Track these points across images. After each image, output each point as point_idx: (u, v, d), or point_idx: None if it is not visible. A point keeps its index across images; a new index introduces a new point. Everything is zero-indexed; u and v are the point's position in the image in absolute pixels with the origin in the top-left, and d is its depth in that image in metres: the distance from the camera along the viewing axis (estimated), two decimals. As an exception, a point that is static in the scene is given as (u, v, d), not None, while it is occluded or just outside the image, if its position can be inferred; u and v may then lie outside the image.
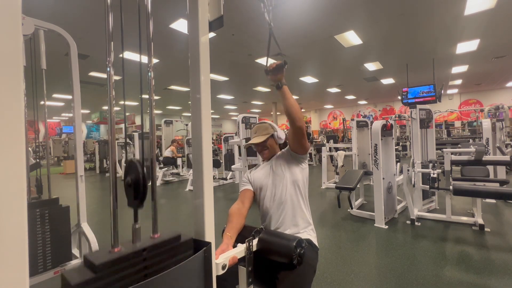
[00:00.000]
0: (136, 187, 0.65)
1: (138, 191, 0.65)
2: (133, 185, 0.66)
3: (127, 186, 0.67)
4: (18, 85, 0.39)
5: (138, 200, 0.66)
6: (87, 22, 4.59)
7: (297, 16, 4.66)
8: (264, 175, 1.39)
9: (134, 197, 0.66)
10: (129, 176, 0.67)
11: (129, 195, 0.67)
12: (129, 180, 0.67)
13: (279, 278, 1.09)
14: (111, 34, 0.68)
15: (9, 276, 0.38)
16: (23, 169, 0.39)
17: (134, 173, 0.66)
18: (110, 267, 0.55)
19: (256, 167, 1.50)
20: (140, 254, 0.61)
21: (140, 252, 0.61)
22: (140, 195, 0.65)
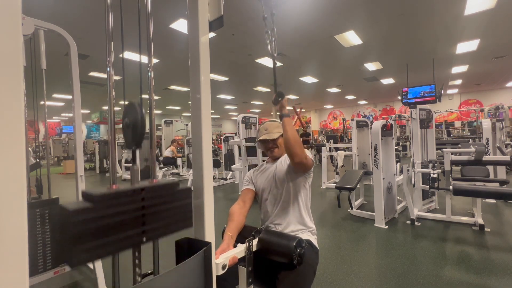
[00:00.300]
0: (134, 128, 0.65)
1: (136, 132, 0.65)
2: (131, 126, 0.66)
3: (125, 128, 0.68)
4: (18, 85, 0.39)
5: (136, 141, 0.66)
6: (87, 22, 4.59)
7: (297, 16, 4.66)
8: (267, 179, 1.37)
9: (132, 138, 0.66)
10: (128, 118, 0.67)
11: (127, 136, 0.68)
12: (128, 122, 0.67)
13: (279, 278, 1.09)
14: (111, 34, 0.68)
15: (9, 276, 0.38)
16: (23, 169, 0.39)
17: (133, 115, 0.66)
18: (108, 199, 0.55)
19: (259, 167, 1.48)
20: (138, 192, 0.60)
21: (138, 190, 0.60)
22: (138, 136, 0.65)
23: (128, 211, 0.58)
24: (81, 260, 0.49)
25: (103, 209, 0.53)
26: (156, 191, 0.64)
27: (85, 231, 0.50)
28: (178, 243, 0.81)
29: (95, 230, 0.51)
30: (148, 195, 0.61)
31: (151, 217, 0.62)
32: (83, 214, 0.50)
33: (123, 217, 0.57)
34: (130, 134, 0.66)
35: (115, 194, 0.56)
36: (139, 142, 0.66)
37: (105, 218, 0.53)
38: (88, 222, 0.50)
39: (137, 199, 0.60)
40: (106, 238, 0.53)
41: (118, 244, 0.56)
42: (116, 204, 0.56)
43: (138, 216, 0.60)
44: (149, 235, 0.61)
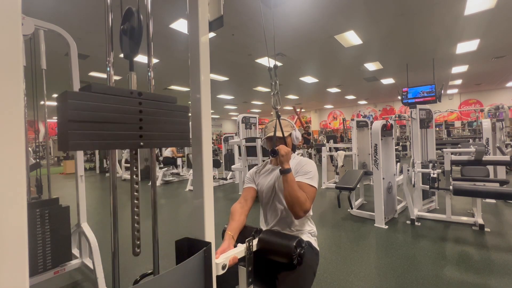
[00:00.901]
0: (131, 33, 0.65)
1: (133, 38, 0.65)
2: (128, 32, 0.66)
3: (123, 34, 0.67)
4: (18, 85, 0.39)
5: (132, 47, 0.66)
6: (87, 22, 4.59)
7: (297, 16, 4.66)
8: (269, 183, 1.35)
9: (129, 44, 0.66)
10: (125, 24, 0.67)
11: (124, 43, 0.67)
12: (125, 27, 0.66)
13: (279, 278, 1.09)
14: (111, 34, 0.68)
15: (9, 276, 0.38)
16: (23, 169, 0.39)
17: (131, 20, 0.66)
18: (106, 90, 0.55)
19: (262, 166, 1.46)
20: (135, 95, 0.60)
21: (135, 93, 0.60)
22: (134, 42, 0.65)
23: (126, 110, 0.58)
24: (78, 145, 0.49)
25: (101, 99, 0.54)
26: (154, 99, 0.64)
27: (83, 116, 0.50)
28: (178, 243, 0.81)
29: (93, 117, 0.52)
30: (145, 101, 0.62)
31: (148, 124, 0.62)
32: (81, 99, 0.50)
33: (121, 113, 0.57)
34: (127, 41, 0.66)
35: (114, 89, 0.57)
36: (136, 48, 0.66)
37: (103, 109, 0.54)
38: (86, 107, 0.51)
39: (134, 101, 0.60)
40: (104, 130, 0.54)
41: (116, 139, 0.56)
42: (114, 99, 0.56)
43: (136, 119, 0.60)
44: (147, 142, 0.62)
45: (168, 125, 0.67)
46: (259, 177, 1.41)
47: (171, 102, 0.68)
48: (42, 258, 1.83)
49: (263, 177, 1.40)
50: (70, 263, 2.01)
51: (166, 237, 2.89)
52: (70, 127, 0.48)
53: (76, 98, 0.50)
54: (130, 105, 0.59)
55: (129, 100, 0.59)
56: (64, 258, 1.97)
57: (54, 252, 1.88)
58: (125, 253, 1.14)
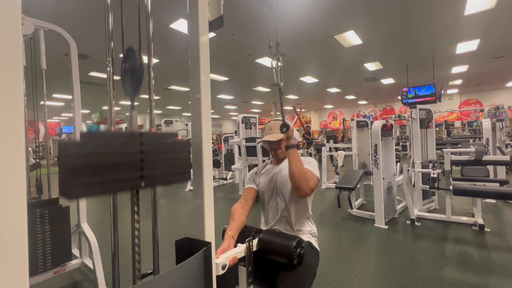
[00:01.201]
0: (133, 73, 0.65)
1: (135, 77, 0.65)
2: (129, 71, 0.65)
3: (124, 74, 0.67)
4: (18, 85, 0.39)
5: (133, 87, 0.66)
6: (87, 22, 4.59)
7: (297, 16, 4.66)
8: (269, 182, 1.36)
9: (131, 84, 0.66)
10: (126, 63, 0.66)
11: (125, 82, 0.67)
12: (126, 67, 0.66)
13: (279, 278, 1.09)
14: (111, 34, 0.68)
15: (9, 276, 0.38)
16: (23, 169, 0.39)
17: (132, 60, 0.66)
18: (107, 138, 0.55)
19: (262, 166, 1.47)
20: (137, 136, 0.60)
21: (137, 134, 0.60)
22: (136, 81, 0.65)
23: (126, 153, 0.58)
24: (79, 193, 0.50)
25: (102, 146, 0.54)
26: (155, 138, 0.64)
27: (83, 165, 0.50)
28: (178, 243, 0.81)
29: (93, 165, 0.52)
30: (146, 140, 0.61)
31: (149, 163, 0.62)
32: (82, 148, 0.51)
33: (121, 158, 0.57)
34: (128, 80, 0.66)
35: (114, 134, 0.57)
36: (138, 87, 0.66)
37: (103, 156, 0.54)
38: (86, 156, 0.51)
39: (135, 142, 0.60)
40: (105, 175, 0.53)
41: (117, 184, 0.56)
42: (114, 144, 0.56)
43: (137, 160, 0.60)
44: (148, 181, 0.62)
45: (169, 161, 0.67)
46: (259, 177, 1.41)
47: (172, 138, 0.68)
48: (42, 258, 1.83)
49: (264, 176, 1.40)
50: (70, 263, 2.01)
51: (166, 237, 2.89)
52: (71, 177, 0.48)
53: (77, 149, 0.50)
54: (131, 147, 0.59)
55: (131, 143, 0.59)
56: (64, 258, 1.97)
57: (54, 252, 1.88)
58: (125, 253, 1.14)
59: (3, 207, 0.37)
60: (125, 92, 0.68)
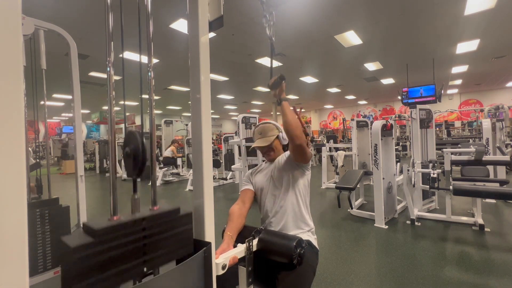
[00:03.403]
0: (136, 157, 0.65)
1: (137, 160, 0.65)
2: (132, 155, 0.66)
3: (126, 157, 0.67)
4: (18, 85, 0.39)
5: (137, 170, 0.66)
6: (87, 22, 4.59)
7: (297, 16, 4.66)
8: (265, 178, 1.37)
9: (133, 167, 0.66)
10: (128, 147, 0.67)
11: (128, 166, 0.67)
12: (128, 151, 0.67)
13: (279, 278, 1.10)
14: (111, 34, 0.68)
15: (9, 276, 0.38)
16: (23, 169, 0.39)
17: (134, 143, 0.66)
18: (109, 233, 0.54)
19: (258, 167, 1.49)
20: (139, 223, 0.60)
21: (139, 221, 0.60)
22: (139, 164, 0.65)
23: (129, 243, 0.57)
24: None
25: (105, 243, 0.53)
26: (157, 219, 0.64)
27: (87, 268, 0.50)
28: (178, 243, 0.81)
29: (97, 264, 0.51)
30: (149, 224, 0.61)
31: (152, 246, 0.61)
32: (85, 250, 0.50)
33: (125, 249, 0.57)
34: (131, 164, 0.66)
35: (117, 226, 0.56)
36: (140, 171, 0.66)
37: (107, 252, 0.53)
38: (90, 257, 0.51)
39: (138, 229, 0.59)
40: (108, 271, 0.53)
41: (119, 277, 0.55)
42: (117, 237, 0.56)
43: (139, 247, 0.59)
44: (150, 265, 0.61)
45: (171, 239, 0.66)
46: (255, 177, 1.43)
47: (174, 215, 0.68)
48: (42, 258, 1.83)
49: (260, 174, 1.42)
50: (70, 263, 2.01)
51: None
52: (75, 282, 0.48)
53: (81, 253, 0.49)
54: (134, 236, 0.58)
55: (133, 231, 0.59)
56: (64, 258, 1.96)
57: (54, 252, 1.88)
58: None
59: (3, 207, 0.37)
60: (128, 173, 0.68)
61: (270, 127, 1.40)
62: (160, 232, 0.64)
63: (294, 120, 1.18)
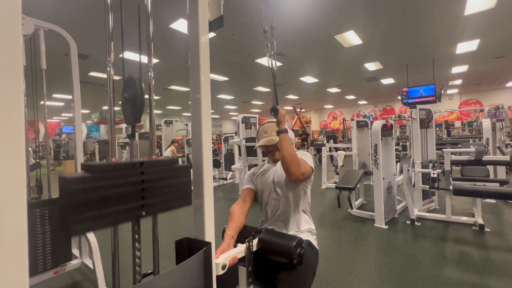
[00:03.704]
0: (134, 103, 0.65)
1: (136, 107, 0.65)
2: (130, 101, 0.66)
3: (125, 103, 0.68)
4: (18, 85, 0.39)
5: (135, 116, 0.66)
6: (87, 22, 4.59)
7: (297, 16, 4.66)
8: (267, 181, 1.36)
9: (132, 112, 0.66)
10: (127, 93, 0.67)
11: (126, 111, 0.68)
12: (127, 96, 0.67)
13: (279, 278, 1.09)
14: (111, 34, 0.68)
15: (9, 276, 0.38)
16: (23, 169, 0.39)
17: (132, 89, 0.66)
18: (107, 170, 0.55)
19: (259, 166, 1.47)
20: (137, 166, 0.61)
21: (137, 164, 0.61)
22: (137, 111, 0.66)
23: (127, 184, 0.58)
24: (80, 229, 0.50)
25: (102, 179, 0.54)
26: (156, 166, 0.64)
27: (84, 200, 0.50)
28: (178, 243, 0.81)
29: (94, 199, 0.52)
30: (147, 169, 0.62)
31: (150, 191, 0.62)
32: (83, 183, 0.51)
33: (122, 189, 0.57)
34: (129, 109, 0.67)
35: (115, 166, 0.57)
36: (138, 117, 0.66)
37: (104, 188, 0.54)
38: (87, 191, 0.51)
39: (136, 172, 0.60)
40: (106, 208, 0.54)
41: (118, 215, 0.56)
42: (115, 176, 0.56)
43: (138, 190, 0.60)
44: (149, 210, 0.62)
45: (169, 188, 0.67)
46: (257, 177, 1.41)
47: (172, 165, 0.68)
48: (42, 258, 1.83)
49: (261, 176, 1.40)
50: (70, 263, 2.01)
51: (166, 237, 2.89)
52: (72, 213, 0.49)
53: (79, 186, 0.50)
54: (132, 178, 0.59)
55: (132, 173, 0.59)
56: (64, 258, 1.97)
57: (54, 252, 1.88)
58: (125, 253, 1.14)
59: (3, 207, 0.37)
60: (126, 120, 0.68)
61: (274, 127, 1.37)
62: (158, 179, 0.64)
63: (289, 155, 1.13)
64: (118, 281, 0.71)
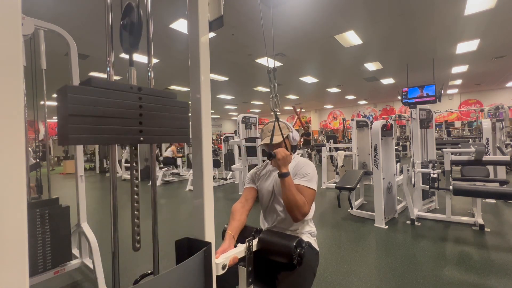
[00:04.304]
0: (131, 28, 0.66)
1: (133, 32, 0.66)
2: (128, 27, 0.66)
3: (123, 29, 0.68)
4: (18, 85, 0.39)
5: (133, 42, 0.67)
6: (87, 22, 4.58)
7: (297, 16, 4.66)
8: (270, 185, 1.34)
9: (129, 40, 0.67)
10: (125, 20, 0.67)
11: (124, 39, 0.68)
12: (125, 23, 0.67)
13: (279, 278, 1.09)
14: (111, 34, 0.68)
15: (9, 276, 0.38)
16: (23, 169, 0.39)
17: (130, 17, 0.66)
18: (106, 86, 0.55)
19: (262, 167, 1.45)
20: (136, 90, 0.61)
21: (135, 87, 0.61)
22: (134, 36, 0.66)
23: (126, 105, 0.58)
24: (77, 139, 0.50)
25: (101, 93, 0.54)
26: (154, 94, 0.65)
27: (82, 110, 0.50)
28: (178, 243, 0.81)
29: (92, 112, 0.52)
30: (145, 95, 0.62)
31: (148, 119, 0.62)
32: (81, 93, 0.51)
33: (120, 108, 0.57)
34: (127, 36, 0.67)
35: (113, 83, 0.58)
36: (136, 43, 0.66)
37: (102, 103, 0.54)
38: (85, 101, 0.51)
39: (134, 96, 0.60)
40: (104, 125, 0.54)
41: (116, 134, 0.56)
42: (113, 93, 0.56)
43: (135, 114, 0.60)
44: (147, 137, 0.62)
45: (168, 120, 0.67)
46: (259, 179, 1.40)
47: (171, 98, 0.69)
48: (42, 258, 1.83)
49: (263, 179, 1.39)
50: (70, 263, 2.01)
51: (166, 237, 2.89)
52: (70, 121, 0.49)
53: (76, 92, 0.50)
54: (130, 100, 0.60)
55: (129, 95, 0.60)
56: (64, 258, 1.96)
57: (54, 252, 1.88)
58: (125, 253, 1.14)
59: (3, 207, 0.37)
60: (123, 48, 0.68)
61: (281, 125, 1.35)
62: (156, 108, 0.65)
63: (289, 200, 1.14)
64: (118, 281, 0.71)
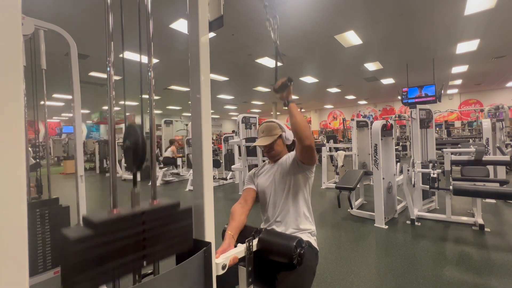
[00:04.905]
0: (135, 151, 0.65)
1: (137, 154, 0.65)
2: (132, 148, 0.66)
3: (126, 150, 0.68)
4: (18, 85, 0.39)
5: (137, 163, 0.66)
6: (87, 22, 4.59)
7: (297, 16, 4.66)
8: (268, 181, 1.36)
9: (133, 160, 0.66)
10: (128, 140, 0.67)
11: (128, 159, 0.67)
12: (128, 144, 0.67)
13: (279, 278, 1.09)
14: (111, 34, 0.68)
15: (9, 276, 0.38)
16: (23, 169, 0.39)
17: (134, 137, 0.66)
18: (109, 226, 0.54)
19: (260, 167, 1.48)
20: (139, 217, 0.60)
21: (139, 215, 0.60)
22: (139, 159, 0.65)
23: (129, 236, 0.57)
24: None
25: (104, 235, 0.53)
26: (157, 213, 0.63)
27: (87, 260, 0.50)
28: (178, 244, 0.81)
29: (97, 257, 0.51)
30: (148, 218, 0.61)
31: (151, 240, 0.61)
32: (84, 243, 0.50)
33: (124, 243, 0.56)
34: (131, 157, 0.66)
35: (116, 220, 0.56)
36: (140, 165, 0.66)
37: (106, 245, 0.53)
38: (89, 250, 0.50)
39: (137, 223, 0.59)
40: (107, 264, 0.53)
41: (119, 270, 0.55)
42: (116, 230, 0.55)
43: (139, 241, 0.59)
44: (149, 259, 0.61)
45: (171, 232, 0.66)
46: (258, 177, 1.42)
47: (174, 209, 0.68)
48: (42, 258, 1.83)
49: (262, 176, 1.41)
50: (70, 263, 2.01)
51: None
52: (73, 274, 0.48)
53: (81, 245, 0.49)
54: (134, 229, 0.58)
55: (133, 224, 0.58)
56: (64, 258, 1.96)
57: (54, 252, 1.88)
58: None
59: (3, 207, 0.37)
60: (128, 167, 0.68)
61: (274, 126, 1.39)
62: (159, 226, 0.63)
63: (302, 121, 1.17)
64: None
